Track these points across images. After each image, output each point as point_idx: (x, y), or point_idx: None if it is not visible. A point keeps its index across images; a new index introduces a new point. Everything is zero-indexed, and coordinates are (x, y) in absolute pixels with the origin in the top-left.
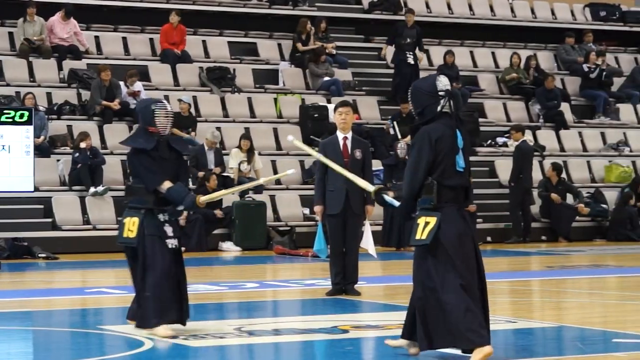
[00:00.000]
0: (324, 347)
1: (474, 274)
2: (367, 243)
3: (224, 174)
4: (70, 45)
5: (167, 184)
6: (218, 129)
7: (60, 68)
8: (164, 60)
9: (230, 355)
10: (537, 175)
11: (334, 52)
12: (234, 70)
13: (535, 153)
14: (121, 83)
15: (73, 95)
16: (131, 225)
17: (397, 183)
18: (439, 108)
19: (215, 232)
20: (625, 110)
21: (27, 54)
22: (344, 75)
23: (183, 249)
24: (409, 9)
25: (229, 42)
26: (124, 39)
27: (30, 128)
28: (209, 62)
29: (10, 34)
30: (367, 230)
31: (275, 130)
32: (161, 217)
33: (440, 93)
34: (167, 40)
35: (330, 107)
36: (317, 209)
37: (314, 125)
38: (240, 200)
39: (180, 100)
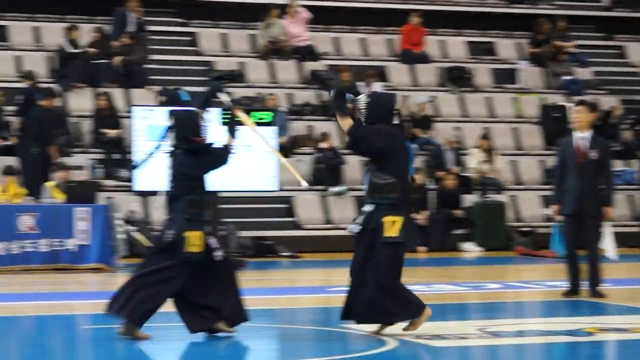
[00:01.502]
0: (569, 350)
1: None
2: (607, 244)
3: (464, 174)
4: (307, 46)
5: None
6: (457, 128)
7: (300, 69)
8: (403, 60)
9: (473, 356)
10: None
11: (574, 50)
12: (473, 70)
13: None
14: (361, 84)
15: (313, 96)
16: (196, 240)
17: None
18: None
19: (456, 232)
20: None
21: (268, 56)
22: (584, 74)
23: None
24: None
25: (467, 42)
26: (363, 40)
27: (273, 129)
28: (448, 62)
29: (252, 36)
30: (608, 231)
31: (515, 130)
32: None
33: (394, 111)
34: (407, 40)
35: (571, 106)
36: (554, 208)
37: (554, 125)
38: (480, 201)
39: (428, 100)
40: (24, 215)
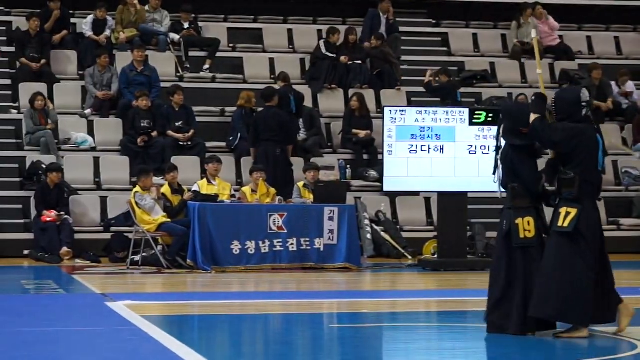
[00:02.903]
0: None
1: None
2: None
3: None
4: (560, 45)
5: None
6: None
7: (552, 68)
8: None
9: None
10: None
11: None
12: None
13: None
14: (612, 83)
15: None
16: (526, 225)
17: None
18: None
19: None
20: None
21: (519, 56)
22: None
23: None
24: None
25: None
26: (616, 38)
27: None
28: None
29: (503, 35)
30: None
31: None
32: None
33: (582, 103)
34: None
35: None
36: None
37: None
38: None
39: None
40: (274, 215)
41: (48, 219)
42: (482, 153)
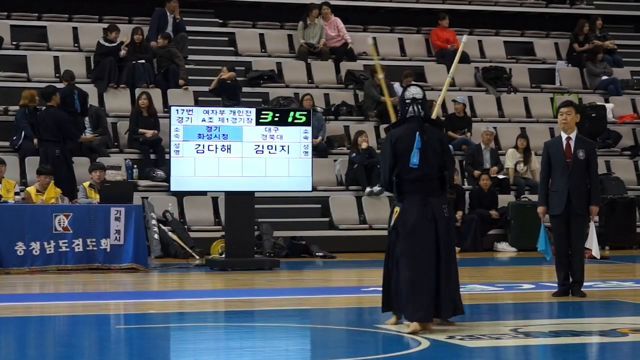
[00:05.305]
0: (602, 350)
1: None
2: (591, 244)
3: (500, 175)
4: (344, 46)
5: None
6: (494, 129)
7: (337, 70)
8: (439, 60)
9: (507, 356)
10: None
11: (612, 47)
12: (510, 70)
13: None
14: (397, 84)
15: (350, 97)
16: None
17: None
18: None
19: (491, 232)
20: None
21: (305, 56)
22: (622, 73)
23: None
24: None
25: (505, 42)
26: (400, 39)
27: (309, 129)
28: (485, 62)
29: (290, 36)
30: (592, 231)
31: (551, 130)
32: None
33: (406, 101)
34: (438, 39)
35: (609, 106)
36: (540, 209)
37: (591, 125)
38: (516, 201)
39: (454, 101)
40: (59, 215)
41: None
42: (269, 153)
